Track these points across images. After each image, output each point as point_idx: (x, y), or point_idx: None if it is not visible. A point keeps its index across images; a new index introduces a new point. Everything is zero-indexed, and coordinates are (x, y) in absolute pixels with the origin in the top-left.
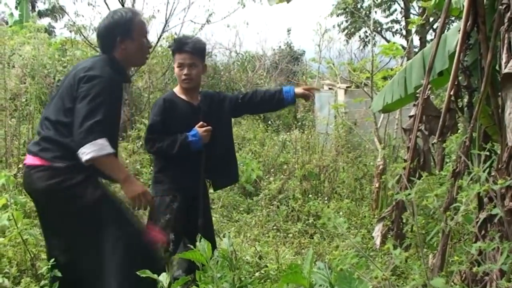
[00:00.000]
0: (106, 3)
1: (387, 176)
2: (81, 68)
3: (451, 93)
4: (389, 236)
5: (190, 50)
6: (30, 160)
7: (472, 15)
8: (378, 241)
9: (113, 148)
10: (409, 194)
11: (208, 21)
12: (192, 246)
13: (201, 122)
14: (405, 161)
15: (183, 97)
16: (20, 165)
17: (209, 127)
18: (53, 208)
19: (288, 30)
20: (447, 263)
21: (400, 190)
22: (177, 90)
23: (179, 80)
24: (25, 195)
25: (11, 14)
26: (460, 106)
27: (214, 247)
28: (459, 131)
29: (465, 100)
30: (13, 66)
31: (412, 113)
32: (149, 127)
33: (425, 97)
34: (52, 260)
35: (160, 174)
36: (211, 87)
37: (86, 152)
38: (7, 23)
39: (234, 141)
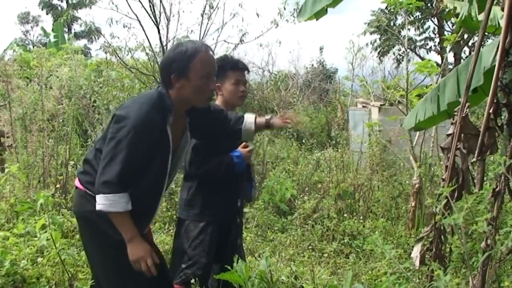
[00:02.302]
0: (141, 25)
1: (433, 201)
2: (121, 106)
3: (490, 111)
4: (428, 256)
5: (246, 68)
6: (76, 181)
7: (510, 32)
8: (417, 262)
9: (147, 198)
10: (458, 218)
11: (241, 41)
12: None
13: (244, 143)
14: (443, 180)
15: None
16: (58, 185)
17: (252, 147)
18: (84, 234)
19: (321, 49)
20: (488, 284)
21: (441, 212)
22: None
23: (233, 97)
24: (63, 215)
25: (48, 35)
26: (499, 125)
27: None
28: (498, 150)
29: (505, 118)
30: (51, 88)
31: (450, 131)
32: (195, 149)
33: (464, 115)
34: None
35: (193, 197)
36: (245, 106)
37: (98, 202)
38: (44, 45)
39: None
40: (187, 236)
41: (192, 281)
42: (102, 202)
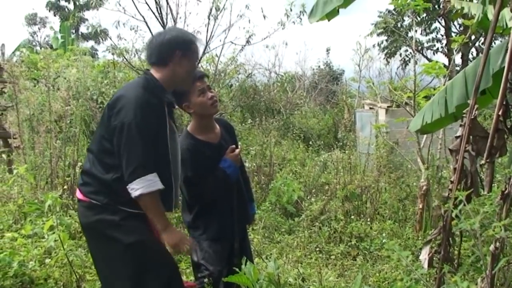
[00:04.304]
0: (148, 27)
1: (449, 205)
2: (113, 97)
3: (499, 113)
4: (436, 259)
5: (203, 74)
6: (77, 192)
7: None
8: (425, 265)
9: (166, 179)
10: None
11: (248, 42)
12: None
13: (230, 147)
14: (452, 182)
15: (201, 138)
16: (65, 187)
17: (238, 150)
18: (92, 244)
19: (327, 50)
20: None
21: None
22: (192, 129)
23: (205, 107)
24: (70, 216)
25: (56, 38)
26: (508, 126)
27: None
28: (507, 152)
29: None
30: (58, 89)
31: (458, 133)
32: (187, 184)
33: (472, 117)
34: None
35: (194, 220)
36: (251, 108)
37: (135, 189)
38: (51, 46)
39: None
40: (199, 250)
41: (206, 280)
42: (139, 186)
